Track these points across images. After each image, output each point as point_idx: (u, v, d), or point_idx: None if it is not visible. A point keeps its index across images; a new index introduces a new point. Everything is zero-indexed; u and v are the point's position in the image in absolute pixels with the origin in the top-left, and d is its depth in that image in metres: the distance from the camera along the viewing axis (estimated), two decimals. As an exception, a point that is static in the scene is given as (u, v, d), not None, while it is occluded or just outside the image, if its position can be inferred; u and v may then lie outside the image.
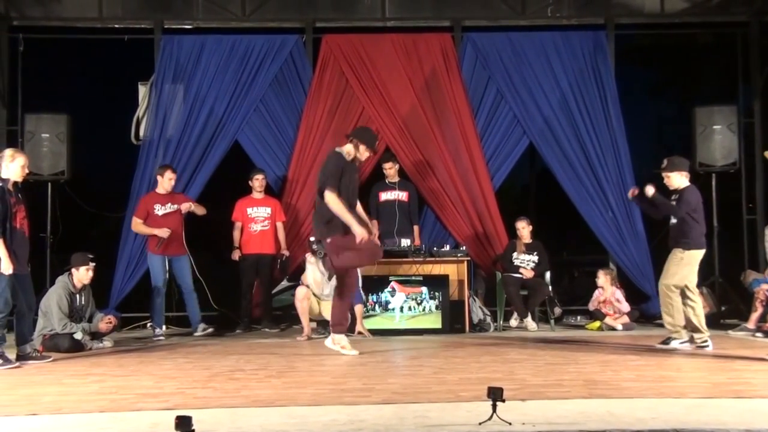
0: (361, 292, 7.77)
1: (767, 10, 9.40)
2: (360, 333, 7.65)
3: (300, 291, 7.71)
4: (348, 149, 6.30)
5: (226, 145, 9.23)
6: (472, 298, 8.42)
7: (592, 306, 8.47)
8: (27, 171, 6.31)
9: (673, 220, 6.64)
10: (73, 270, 7.09)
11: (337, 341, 6.35)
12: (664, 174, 6.71)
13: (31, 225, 6.39)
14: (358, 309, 7.69)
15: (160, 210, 8.11)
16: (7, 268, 5.96)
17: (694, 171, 8.84)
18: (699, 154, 8.95)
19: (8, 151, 6.26)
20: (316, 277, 7.70)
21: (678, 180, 6.67)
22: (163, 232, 7.96)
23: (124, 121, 9.29)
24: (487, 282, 9.09)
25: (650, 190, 6.64)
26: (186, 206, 8.14)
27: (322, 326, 8.05)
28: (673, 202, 6.64)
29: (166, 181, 8.19)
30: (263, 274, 8.56)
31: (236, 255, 8.51)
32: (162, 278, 8.07)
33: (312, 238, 7.88)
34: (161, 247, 8.01)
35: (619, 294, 8.44)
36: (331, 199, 6.08)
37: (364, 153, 6.35)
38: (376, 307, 7.99)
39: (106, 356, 6.66)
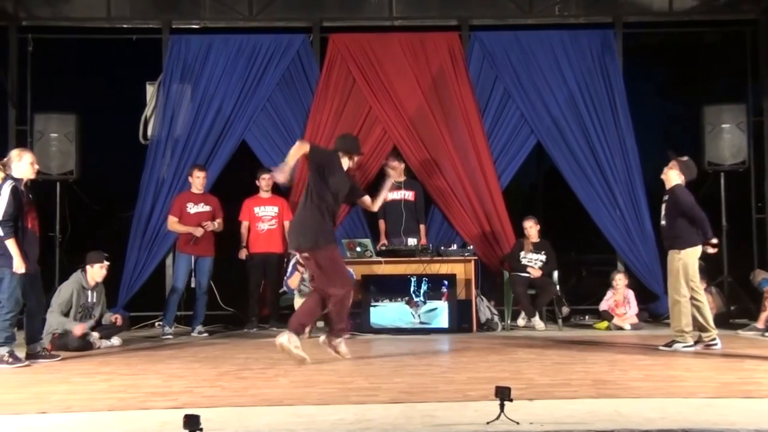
0: (352, 272, 7.82)
1: (776, 8, 9.36)
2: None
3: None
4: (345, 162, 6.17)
5: (234, 145, 9.25)
6: (479, 297, 8.42)
7: (603, 307, 8.44)
8: (37, 167, 6.34)
9: (663, 222, 6.64)
10: (88, 267, 7.14)
11: (292, 341, 5.88)
12: (672, 162, 6.66)
13: (41, 224, 6.42)
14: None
15: (192, 209, 8.23)
16: (20, 267, 5.99)
17: (703, 170, 8.83)
18: (708, 153, 8.92)
19: (14, 152, 6.29)
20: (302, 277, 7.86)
21: (674, 177, 6.64)
22: (198, 231, 8.06)
23: (132, 120, 9.32)
24: (495, 281, 9.09)
25: None
26: (210, 226, 8.19)
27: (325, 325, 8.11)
28: (664, 204, 6.65)
29: (195, 180, 8.31)
30: (270, 274, 8.57)
31: (243, 254, 8.53)
32: (183, 280, 8.16)
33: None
34: (192, 245, 8.11)
35: (631, 295, 8.43)
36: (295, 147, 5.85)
37: (354, 160, 6.26)
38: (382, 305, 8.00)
39: (115, 355, 6.69)
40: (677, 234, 6.52)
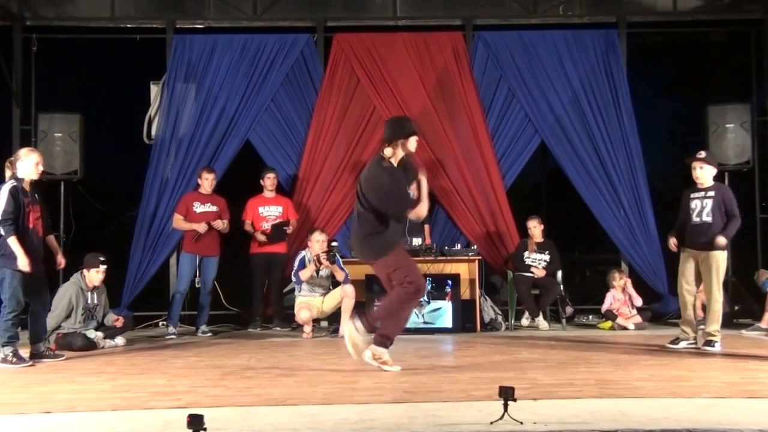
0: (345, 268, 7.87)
1: (781, 8, 9.34)
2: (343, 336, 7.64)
3: (296, 308, 7.92)
4: (388, 153, 5.49)
5: (238, 144, 9.25)
6: (483, 297, 8.42)
7: (604, 308, 8.44)
8: (42, 169, 6.34)
9: (709, 219, 6.52)
10: (84, 271, 7.14)
11: (378, 355, 5.46)
12: (698, 165, 6.61)
13: (49, 225, 6.43)
14: (347, 304, 7.69)
15: (198, 208, 8.25)
16: (24, 265, 5.99)
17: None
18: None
19: (22, 151, 6.32)
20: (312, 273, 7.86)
21: (711, 174, 6.62)
22: (201, 227, 8.09)
23: (137, 120, 9.34)
24: (498, 281, 9.10)
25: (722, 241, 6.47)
26: (220, 224, 8.22)
27: (332, 322, 8.11)
28: (707, 201, 6.54)
29: (204, 182, 8.33)
30: (275, 273, 8.57)
31: (261, 237, 8.44)
32: (187, 279, 8.18)
33: (335, 243, 7.92)
34: (196, 243, 8.13)
35: (632, 291, 8.43)
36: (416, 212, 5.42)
37: (410, 145, 5.51)
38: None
39: (119, 355, 6.70)
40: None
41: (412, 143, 5.51)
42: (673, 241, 6.77)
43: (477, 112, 9.20)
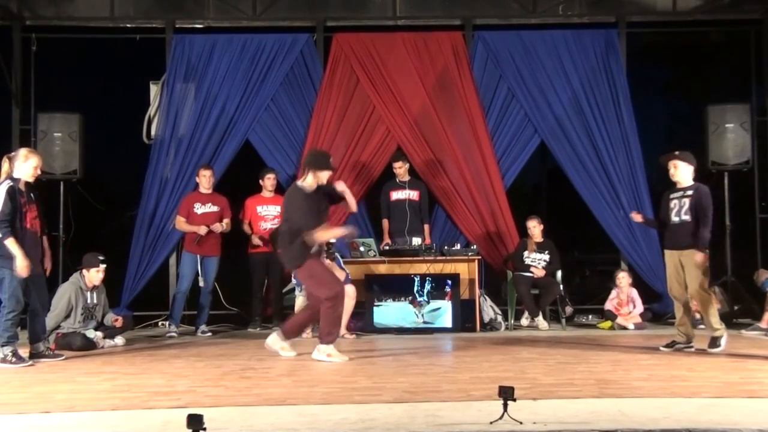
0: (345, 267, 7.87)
1: (781, 8, 9.34)
2: (343, 336, 7.51)
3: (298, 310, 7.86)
4: (309, 181, 6.25)
5: (237, 144, 9.26)
6: (483, 297, 8.42)
7: (607, 306, 8.44)
8: (39, 172, 6.33)
9: (687, 218, 6.41)
10: (84, 271, 7.13)
11: (323, 351, 6.14)
12: (672, 164, 6.53)
13: (44, 225, 6.42)
14: (348, 304, 7.66)
15: (199, 209, 8.27)
16: (22, 267, 5.96)
17: (707, 170, 8.81)
18: (711, 153, 8.90)
19: (23, 151, 6.30)
20: None
21: (688, 172, 6.52)
22: (202, 230, 8.11)
23: (136, 120, 9.34)
24: (498, 281, 9.09)
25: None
26: (219, 228, 8.25)
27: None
28: (684, 200, 6.46)
29: (202, 179, 8.35)
30: (274, 273, 8.57)
31: (256, 240, 8.47)
32: (189, 279, 8.19)
33: (333, 240, 7.92)
34: (197, 245, 8.15)
35: (635, 294, 8.43)
36: (310, 237, 6.06)
37: (323, 177, 6.27)
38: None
39: (118, 354, 6.70)
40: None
41: (324, 176, 6.30)
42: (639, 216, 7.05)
43: (477, 112, 9.20)
